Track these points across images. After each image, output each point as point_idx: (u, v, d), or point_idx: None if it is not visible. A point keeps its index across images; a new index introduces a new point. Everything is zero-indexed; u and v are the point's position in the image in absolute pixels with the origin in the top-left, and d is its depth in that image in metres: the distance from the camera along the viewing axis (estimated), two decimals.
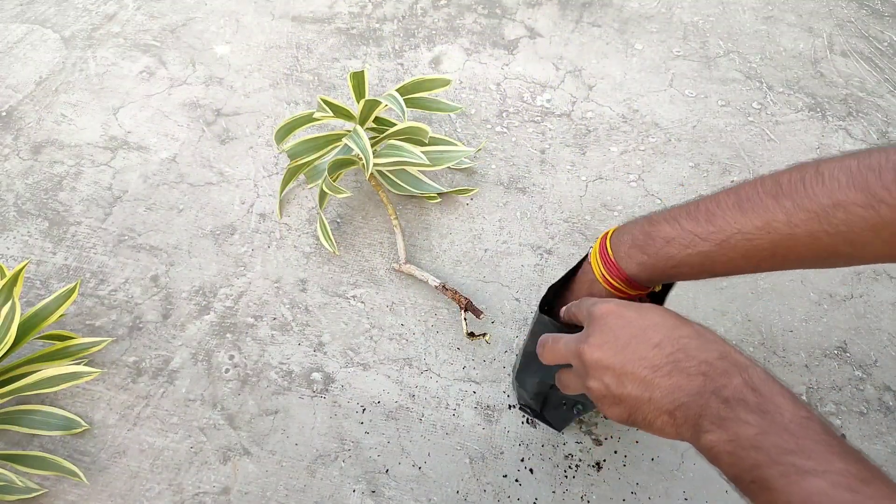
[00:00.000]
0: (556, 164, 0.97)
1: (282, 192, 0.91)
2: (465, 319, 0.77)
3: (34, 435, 0.72)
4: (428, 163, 0.81)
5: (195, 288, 0.85)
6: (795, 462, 0.36)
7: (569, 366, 0.49)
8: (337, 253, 0.87)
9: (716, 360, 0.40)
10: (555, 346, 0.48)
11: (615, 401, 0.43)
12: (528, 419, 0.74)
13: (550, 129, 1.02)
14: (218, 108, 1.05)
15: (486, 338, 0.78)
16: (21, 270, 0.71)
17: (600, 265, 0.53)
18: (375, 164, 0.83)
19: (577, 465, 0.71)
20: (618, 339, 0.43)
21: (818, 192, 0.43)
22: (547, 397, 0.69)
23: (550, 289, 0.59)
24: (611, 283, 0.53)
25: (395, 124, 0.87)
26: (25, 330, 0.71)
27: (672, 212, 0.51)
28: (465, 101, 1.06)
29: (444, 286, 0.80)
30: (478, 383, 0.77)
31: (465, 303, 0.78)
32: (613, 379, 0.43)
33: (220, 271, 0.86)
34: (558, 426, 0.73)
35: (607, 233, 0.55)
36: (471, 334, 0.77)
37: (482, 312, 0.77)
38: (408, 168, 0.90)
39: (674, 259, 0.49)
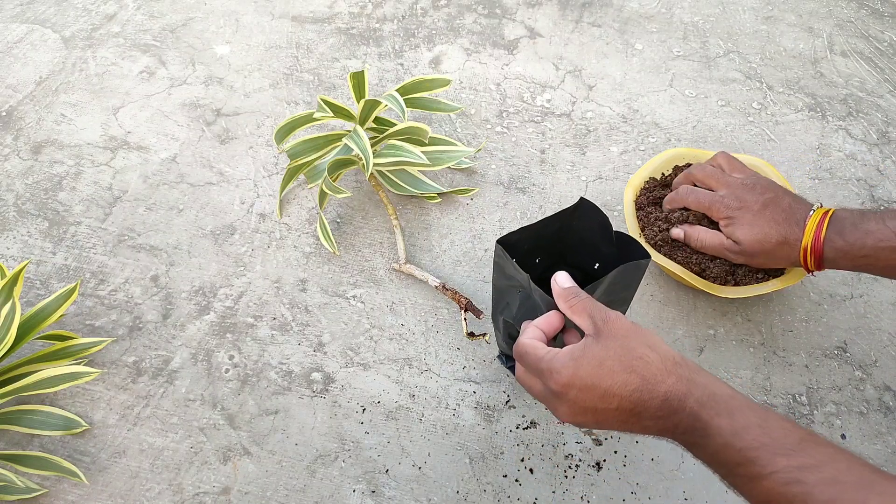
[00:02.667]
0: (556, 164, 0.97)
1: (282, 192, 0.91)
2: (465, 319, 0.77)
3: (34, 435, 0.72)
4: (428, 163, 0.82)
5: (195, 288, 0.85)
6: (744, 472, 0.41)
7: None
8: (337, 253, 0.87)
9: (663, 404, 0.46)
10: (530, 390, 0.54)
11: (605, 429, 0.54)
12: (527, 424, 0.74)
13: (550, 129, 1.02)
14: (218, 108, 1.05)
15: (486, 338, 0.78)
16: (21, 270, 0.71)
17: (810, 239, 0.64)
18: (375, 164, 0.83)
19: (577, 465, 0.71)
20: (585, 410, 0.49)
21: None
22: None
23: (521, 230, 0.64)
24: (805, 252, 0.65)
25: (395, 124, 0.87)
26: (25, 330, 0.71)
27: (885, 212, 0.60)
28: (465, 101, 1.06)
29: (444, 286, 0.80)
30: (478, 383, 0.77)
31: (465, 303, 0.78)
32: (594, 423, 0.50)
33: (220, 271, 0.86)
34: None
35: (829, 211, 0.64)
36: (471, 334, 0.77)
37: (482, 312, 0.77)
38: (408, 168, 0.90)
39: (865, 249, 0.60)
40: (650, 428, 0.47)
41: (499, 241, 0.62)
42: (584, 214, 0.66)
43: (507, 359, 0.76)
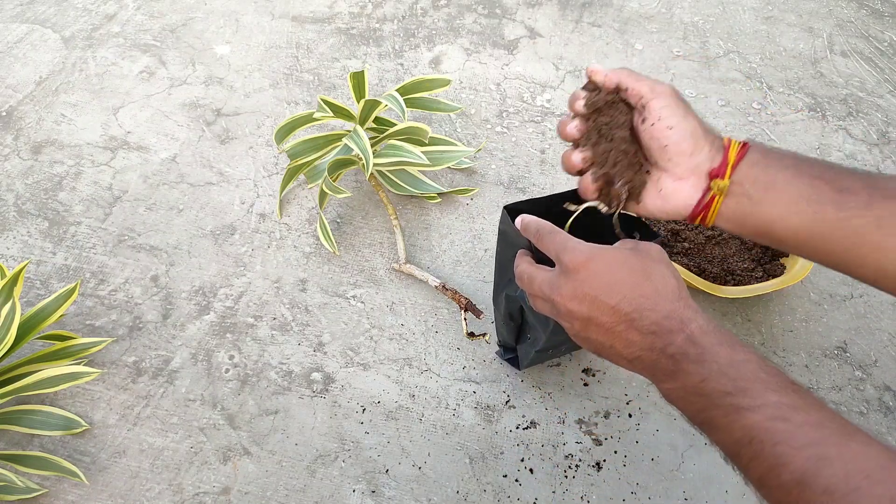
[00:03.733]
0: (556, 164, 0.97)
1: (282, 192, 0.91)
2: (465, 319, 0.77)
3: (34, 435, 0.72)
4: (428, 163, 0.82)
5: (195, 288, 0.85)
6: (733, 402, 0.40)
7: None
8: (337, 253, 0.87)
9: (663, 320, 0.44)
10: (531, 284, 0.52)
11: (583, 340, 0.49)
12: (527, 424, 0.74)
13: (550, 129, 1.02)
14: (218, 108, 1.05)
15: (486, 338, 0.78)
16: (21, 270, 0.71)
17: (736, 143, 0.50)
18: (375, 165, 0.83)
19: (577, 465, 0.71)
20: (585, 295, 0.46)
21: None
22: (519, 329, 0.71)
23: (529, 202, 0.60)
24: (729, 151, 0.50)
25: (395, 124, 0.87)
26: (25, 330, 0.71)
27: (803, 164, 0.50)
28: (465, 101, 1.06)
29: (443, 286, 0.80)
30: (478, 383, 0.77)
31: (465, 303, 0.78)
32: (581, 325, 0.47)
33: (220, 271, 0.86)
34: (521, 364, 0.74)
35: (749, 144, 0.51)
36: (471, 334, 0.77)
37: (482, 312, 0.77)
38: (408, 168, 0.90)
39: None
40: (634, 344, 0.45)
41: (506, 207, 0.60)
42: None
43: (506, 350, 0.76)
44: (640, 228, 0.61)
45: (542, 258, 0.53)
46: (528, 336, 0.70)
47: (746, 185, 0.50)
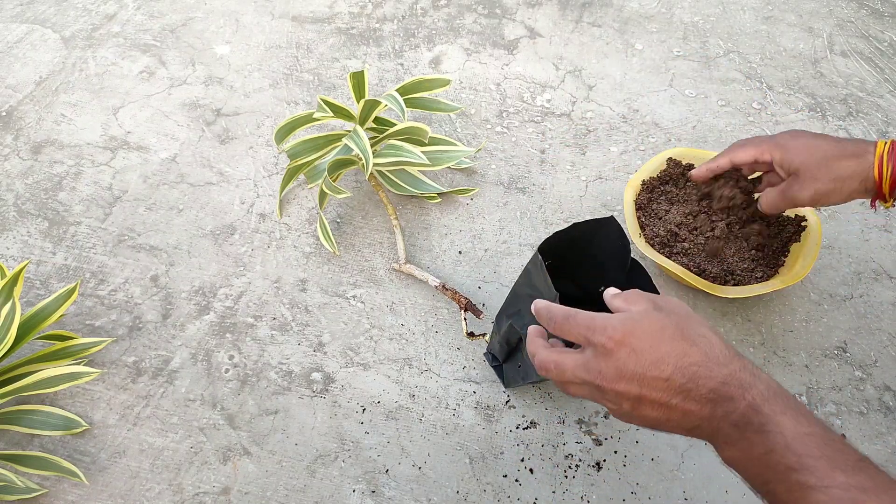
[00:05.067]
0: (556, 164, 0.97)
1: (282, 192, 0.91)
2: (464, 319, 0.77)
3: (34, 435, 0.72)
4: (428, 163, 0.81)
5: (195, 288, 0.85)
6: (799, 479, 0.38)
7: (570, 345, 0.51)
8: (337, 253, 0.87)
9: (721, 387, 0.42)
10: (561, 373, 0.48)
11: (634, 418, 0.45)
12: (527, 424, 0.74)
13: (550, 129, 1.02)
14: (218, 108, 1.05)
15: (486, 337, 0.78)
16: (21, 270, 0.71)
17: (888, 170, 0.59)
18: (375, 164, 0.83)
19: (577, 465, 0.71)
20: (633, 375, 0.44)
21: None
22: (512, 351, 0.71)
23: (556, 235, 0.60)
24: (881, 164, 0.60)
25: (395, 124, 0.87)
26: (25, 330, 0.71)
27: None
28: (465, 101, 1.06)
29: (443, 286, 0.80)
30: (478, 383, 0.77)
31: (464, 303, 0.78)
32: (631, 405, 0.44)
33: (220, 271, 0.86)
34: (507, 384, 0.75)
35: (889, 141, 0.60)
36: (470, 334, 0.77)
37: (482, 312, 0.77)
38: (408, 168, 0.90)
39: None
40: (692, 414, 0.43)
41: (539, 250, 0.60)
42: (608, 234, 0.64)
43: (494, 358, 0.76)
44: (640, 276, 0.62)
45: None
46: (518, 364, 0.70)
47: None
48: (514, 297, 0.69)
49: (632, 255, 0.63)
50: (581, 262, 0.68)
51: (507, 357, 0.73)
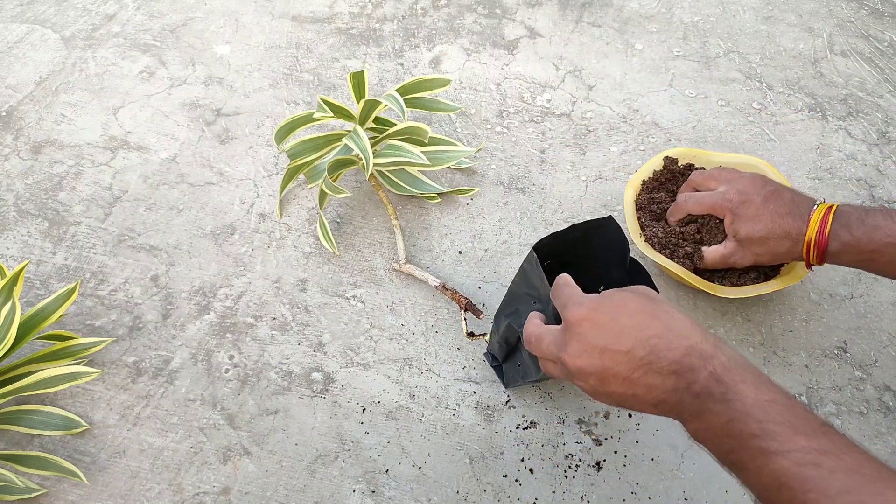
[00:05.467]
0: (556, 164, 0.97)
1: (282, 192, 0.91)
2: (464, 319, 0.77)
3: (34, 435, 0.72)
4: (428, 163, 0.82)
5: (195, 288, 0.85)
6: (761, 445, 0.39)
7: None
8: (337, 253, 0.87)
9: (683, 358, 0.43)
10: (539, 345, 0.51)
11: (603, 396, 0.47)
12: (527, 424, 0.74)
13: (550, 129, 1.02)
14: (218, 108, 1.05)
15: (486, 337, 0.78)
16: (21, 270, 0.71)
17: (814, 233, 0.64)
18: (375, 165, 0.83)
19: (577, 465, 0.71)
20: (593, 349, 0.45)
21: None
22: (511, 350, 0.72)
23: (553, 236, 0.61)
24: (809, 246, 0.64)
25: (395, 124, 0.87)
26: (25, 330, 0.71)
27: (891, 210, 0.60)
28: (465, 101, 1.06)
29: (443, 286, 0.80)
30: (478, 383, 0.77)
31: (464, 303, 0.78)
32: (597, 381, 0.46)
33: (220, 271, 0.86)
34: (507, 383, 0.75)
35: (832, 206, 0.64)
36: (470, 334, 0.77)
37: (482, 312, 0.77)
38: (408, 168, 0.90)
39: (872, 244, 0.60)
40: (655, 387, 0.43)
41: (535, 248, 0.60)
42: (606, 233, 0.64)
43: (494, 358, 0.76)
44: (640, 274, 0.62)
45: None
46: (517, 363, 0.71)
47: (842, 261, 0.64)
48: (512, 297, 0.69)
49: (632, 255, 0.64)
50: (581, 263, 0.68)
51: (507, 357, 0.74)
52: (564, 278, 0.51)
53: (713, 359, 0.42)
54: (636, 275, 0.63)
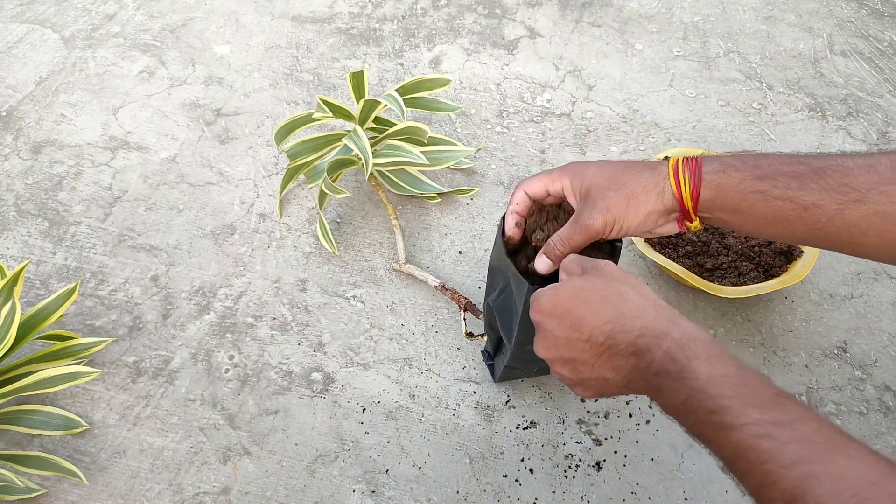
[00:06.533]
0: (556, 164, 0.97)
1: (282, 191, 0.91)
2: (464, 319, 0.77)
3: (34, 435, 0.72)
4: (427, 162, 0.82)
5: (195, 288, 0.85)
6: (716, 420, 0.40)
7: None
8: (336, 253, 0.87)
9: (637, 340, 0.44)
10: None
11: (581, 386, 0.48)
12: (527, 424, 0.74)
13: (550, 129, 1.02)
14: (218, 108, 1.05)
15: (485, 338, 0.78)
16: (21, 270, 0.71)
17: (685, 180, 0.51)
18: (375, 164, 0.83)
19: (577, 465, 0.71)
20: (557, 340, 0.47)
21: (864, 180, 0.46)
22: (499, 340, 0.71)
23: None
24: (683, 198, 0.51)
25: (395, 124, 0.87)
26: (25, 330, 0.71)
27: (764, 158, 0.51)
28: (465, 101, 1.06)
29: (443, 286, 0.80)
30: (478, 383, 0.77)
31: (464, 303, 0.78)
32: (570, 370, 0.47)
33: (220, 271, 0.86)
34: (496, 377, 0.75)
35: (696, 156, 0.52)
36: (469, 334, 0.77)
37: (482, 312, 0.77)
38: (408, 168, 0.90)
39: (761, 171, 0.49)
40: (620, 369, 0.45)
41: (504, 216, 0.60)
42: None
43: (489, 356, 0.76)
44: (616, 252, 0.61)
45: None
46: (503, 349, 0.71)
47: (715, 211, 0.51)
48: (490, 272, 0.68)
49: (624, 249, 0.63)
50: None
51: (496, 347, 0.73)
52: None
53: (665, 336, 0.43)
54: (614, 255, 0.60)
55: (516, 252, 0.61)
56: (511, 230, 0.59)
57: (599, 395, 0.49)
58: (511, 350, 0.65)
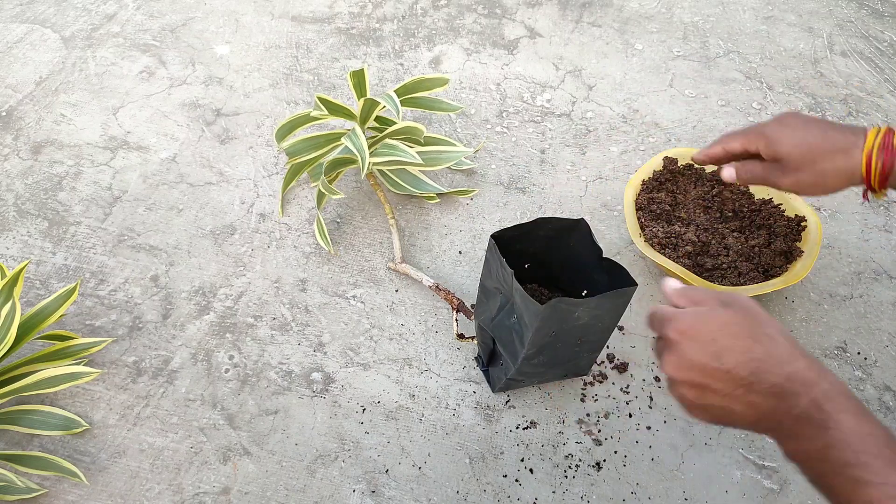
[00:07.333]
0: (556, 164, 0.97)
1: (284, 190, 0.91)
2: (456, 321, 0.77)
3: (34, 435, 0.72)
4: (421, 162, 0.82)
5: (195, 288, 0.85)
6: (854, 474, 0.40)
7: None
8: (333, 252, 0.87)
9: (785, 382, 0.44)
10: (653, 325, 0.51)
11: (699, 409, 0.47)
12: (527, 424, 0.74)
13: (550, 129, 1.02)
14: (218, 108, 1.05)
15: (475, 341, 0.78)
16: (21, 270, 0.71)
17: (875, 143, 0.56)
18: (371, 163, 0.83)
19: (577, 465, 0.71)
20: (692, 364, 0.46)
21: None
22: (493, 353, 0.72)
23: (517, 227, 0.64)
24: (869, 160, 0.56)
25: (395, 123, 0.87)
26: (26, 330, 0.71)
27: None
28: (465, 100, 1.06)
29: (437, 286, 0.80)
30: (478, 383, 0.77)
31: (457, 303, 0.78)
32: (695, 394, 0.46)
33: (220, 271, 0.86)
34: (494, 387, 0.75)
35: (882, 129, 0.57)
36: (460, 336, 0.77)
37: (472, 313, 0.77)
38: (408, 168, 0.90)
39: None
40: (755, 406, 0.44)
41: (493, 236, 0.62)
42: (581, 238, 0.66)
43: (481, 362, 0.76)
44: (619, 273, 0.63)
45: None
46: (500, 362, 0.71)
47: None
48: (481, 293, 0.70)
49: (612, 257, 0.65)
50: (564, 266, 0.70)
51: (490, 359, 0.74)
52: (655, 307, 0.50)
53: (816, 386, 0.43)
54: (615, 275, 0.63)
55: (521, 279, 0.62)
56: (701, 160, 0.68)
57: (713, 423, 0.48)
58: (518, 365, 0.66)
